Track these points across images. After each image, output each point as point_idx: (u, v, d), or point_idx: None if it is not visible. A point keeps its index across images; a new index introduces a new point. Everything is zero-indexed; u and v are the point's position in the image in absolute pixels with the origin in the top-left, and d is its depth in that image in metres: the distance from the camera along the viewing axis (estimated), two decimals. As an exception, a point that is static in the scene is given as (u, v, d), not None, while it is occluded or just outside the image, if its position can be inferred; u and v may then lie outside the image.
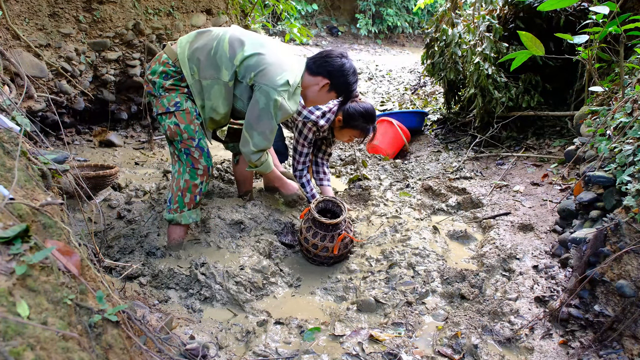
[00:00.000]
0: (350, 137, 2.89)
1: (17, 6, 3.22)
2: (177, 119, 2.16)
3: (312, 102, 2.38)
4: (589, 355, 1.61)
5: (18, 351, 0.72)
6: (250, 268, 2.22)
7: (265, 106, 2.10)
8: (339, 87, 2.29)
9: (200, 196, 2.31)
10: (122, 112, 4.38)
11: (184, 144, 2.20)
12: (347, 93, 2.34)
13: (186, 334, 1.77)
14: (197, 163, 2.24)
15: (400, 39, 13.49)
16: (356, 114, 2.76)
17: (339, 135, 2.91)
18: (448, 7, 4.56)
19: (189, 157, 2.23)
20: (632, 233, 1.67)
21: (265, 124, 2.15)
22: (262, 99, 2.10)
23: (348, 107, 2.77)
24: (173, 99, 2.16)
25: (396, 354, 1.66)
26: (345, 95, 2.36)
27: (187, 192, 2.27)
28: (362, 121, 2.78)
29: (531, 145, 4.04)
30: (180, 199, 2.27)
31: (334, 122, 2.86)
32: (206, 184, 2.32)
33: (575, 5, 3.76)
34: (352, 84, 2.30)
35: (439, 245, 2.55)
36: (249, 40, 2.16)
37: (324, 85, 2.27)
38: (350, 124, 2.79)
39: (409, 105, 6.18)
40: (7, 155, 1.18)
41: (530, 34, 2.33)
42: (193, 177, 2.26)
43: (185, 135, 2.18)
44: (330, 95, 2.33)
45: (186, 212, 2.29)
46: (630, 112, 2.29)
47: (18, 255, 0.87)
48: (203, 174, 2.27)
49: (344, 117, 2.79)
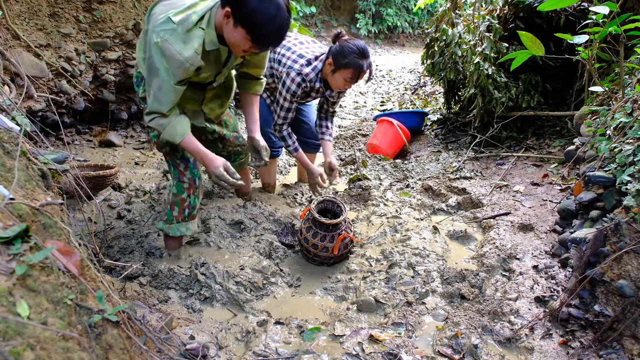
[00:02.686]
0: (345, 80, 2.55)
1: (17, 6, 3.22)
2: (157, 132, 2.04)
3: (230, 44, 1.79)
4: (589, 355, 1.61)
5: (18, 351, 0.72)
6: (250, 268, 2.22)
7: (149, 54, 1.69)
8: (243, 17, 1.64)
9: (190, 209, 2.22)
10: (122, 112, 4.38)
11: (169, 155, 2.13)
12: (259, 29, 1.65)
13: (186, 334, 1.77)
14: (182, 176, 2.15)
15: (400, 39, 13.49)
16: (346, 49, 2.48)
17: (333, 82, 2.60)
18: (448, 7, 4.56)
19: (175, 169, 2.15)
20: (632, 233, 1.67)
21: (154, 80, 1.73)
22: (147, 48, 1.71)
23: (336, 46, 2.53)
24: None
25: (396, 354, 1.66)
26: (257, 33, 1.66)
27: (175, 205, 2.20)
28: (354, 56, 2.47)
29: (531, 145, 4.04)
30: (169, 212, 2.22)
31: (326, 68, 2.58)
32: (195, 197, 2.21)
33: (575, 5, 3.76)
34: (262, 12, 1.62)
35: (439, 245, 2.55)
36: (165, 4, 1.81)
37: (226, 14, 1.67)
38: (341, 62, 2.49)
39: (409, 105, 6.18)
40: (7, 155, 1.18)
41: (530, 34, 2.33)
42: (180, 191, 2.18)
43: (168, 148, 2.08)
44: (239, 32, 1.68)
45: (175, 224, 2.22)
46: (630, 112, 2.29)
47: (18, 255, 0.87)
48: (189, 187, 2.18)
49: (334, 58, 2.52)
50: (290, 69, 2.59)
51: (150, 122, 1.87)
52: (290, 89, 2.60)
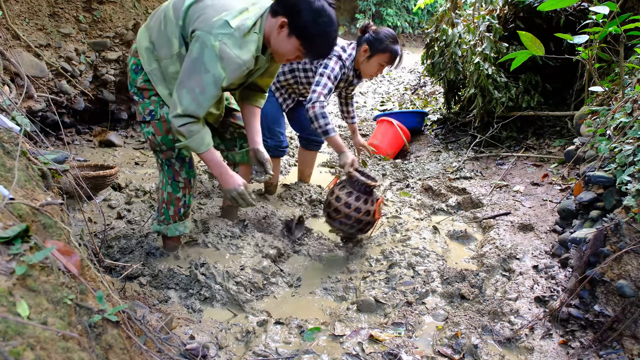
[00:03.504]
0: (380, 65, 2.74)
1: (17, 6, 3.23)
2: (154, 129, 1.98)
3: (276, 52, 1.86)
4: (589, 355, 1.61)
5: (18, 351, 0.72)
6: (250, 268, 2.22)
7: (199, 56, 1.69)
8: (301, 28, 1.73)
9: (185, 208, 2.20)
10: (122, 112, 4.38)
11: (164, 154, 2.07)
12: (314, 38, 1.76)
13: (186, 334, 1.77)
14: (177, 175, 2.12)
15: (400, 39, 13.48)
16: (382, 35, 2.66)
17: (368, 68, 2.75)
18: (448, 7, 4.56)
19: (170, 168, 2.10)
20: (632, 233, 1.67)
21: (196, 79, 1.72)
22: (195, 47, 1.70)
23: (370, 34, 2.68)
24: (147, 107, 1.96)
25: (396, 354, 1.66)
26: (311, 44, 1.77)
27: (171, 205, 2.16)
28: (389, 42, 2.67)
29: (531, 145, 4.04)
30: (165, 211, 2.18)
31: (359, 56, 2.74)
32: (190, 196, 2.19)
33: (575, 5, 3.76)
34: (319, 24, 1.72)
35: (439, 245, 2.55)
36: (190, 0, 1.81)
37: (281, 24, 1.75)
38: (379, 48, 2.66)
39: (409, 105, 6.18)
40: (7, 155, 1.18)
41: (530, 34, 2.32)
42: (175, 190, 2.14)
43: (164, 147, 2.02)
44: (292, 42, 1.77)
45: (172, 225, 2.20)
46: (630, 112, 2.29)
47: (18, 255, 0.87)
48: (185, 186, 2.15)
49: (369, 45, 2.68)
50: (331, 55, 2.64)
51: (182, 126, 1.79)
52: (335, 70, 2.67)
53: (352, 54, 2.73)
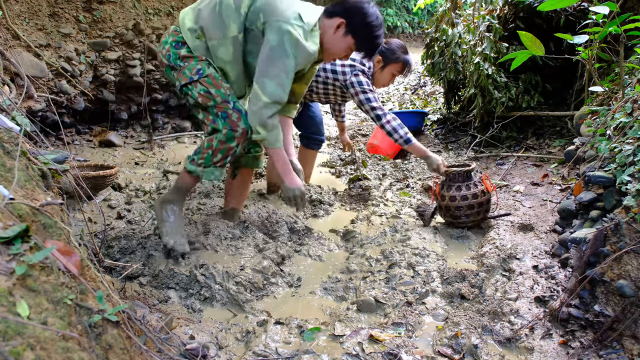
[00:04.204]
0: (392, 75, 2.89)
1: (17, 6, 3.23)
2: (205, 85, 2.00)
3: (328, 50, 2.08)
4: (589, 355, 1.61)
5: (18, 351, 0.72)
6: (250, 268, 2.22)
7: (278, 43, 1.84)
8: (356, 27, 1.97)
9: (233, 157, 2.13)
10: (122, 112, 4.38)
11: (219, 107, 2.02)
12: (369, 39, 2.01)
13: (186, 334, 1.77)
14: (235, 125, 2.03)
15: (400, 39, 13.48)
16: (394, 46, 2.81)
17: (381, 78, 2.89)
18: (448, 7, 4.56)
19: (226, 120, 2.03)
20: (632, 233, 1.67)
21: (279, 65, 1.86)
22: (272, 36, 1.85)
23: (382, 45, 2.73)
24: (194, 67, 2.01)
25: (396, 354, 1.66)
26: (366, 43, 2.02)
27: (220, 152, 2.07)
28: (401, 52, 2.81)
29: (531, 145, 4.04)
30: (209, 157, 2.08)
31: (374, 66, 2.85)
32: (241, 147, 2.11)
33: (575, 5, 3.76)
34: (374, 27, 1.99)
35: (439, 245, 2.55)
36: None
37: (339, 25, 1.99)
38: (392, 58, 2.81)
39: (409, 105, 6.18)
40: (7, 155, 1.18)
41: (530, 34, 2.32)
42: (230, 140, 2.05)
43: (219, 99, 2.01)
44: (347, 41, 2.02)
45: (210, 168, 2.11)
46: (630, 112, 2.29)
47: (18, 255, 0.87)
48: (241, 135, 2.05)
49: (382, 55, 2.80)
50: (354, 70, 2.79)
51: (270, 117, 1.94)
52: (369, 84, 2.80)
53: (370, 66, 2.84)
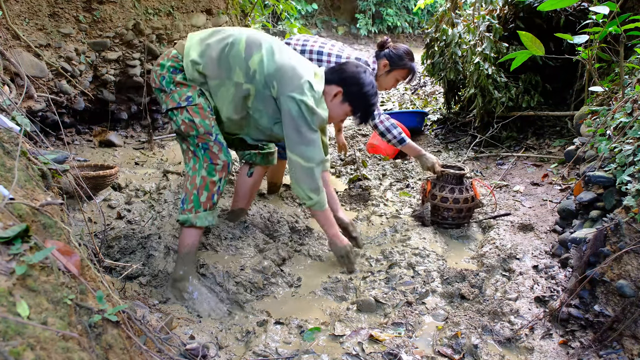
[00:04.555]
0: (396, 80, 2.90)
1: (17, 6, 3.22)
2: (191, 113, 2.01)
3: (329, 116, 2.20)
4: (589, 355, 1.61)
5: (18, 351, 0.72)
6: (250, 268, 2.22)
7: (298, 113, 1.97)
8: (353, 96, 2.11)
9: (218, 196, 2.12)
10: (122, 112, 4.38)
11: (200, 138, 2.03)
12: (364, 106, 2.14)
13: (186, 334, 1.77)
14: (215, 158, 2.05)
15: (400, 39, 13.48)
16: (402, 52, 2.82)
17: (385, 81, 2.90)
18: (448, 7, 4.56)
19: (207, 152, 2.05)
20: (632, 233, 1.67)
21: (306, 130, 2.00)
22: (291, 105, 1.96)
23: (390, 50, 2.82)
24: (184, 94, 2.01)
25: (396, 354, 1.66)
26: (362, 110, 2.15)
27: (204, 190, 2.07)
28: (408, 58, 2.83)
29: (531, 145, 4.04)
30: (196, 198, 2.07)
31: (379, 70, 2.85)
32: (224, 182, 2.12)
33: (575, 5, 3.76)
34: (370, 95, 2.11)
35: (439, 245, 2.55)
36: (266, 44, 2.03)
37: (336, 93, 2.10)
38: (399, 64, 2.82)
39: (409, 105, 6.18)
40: (7, 155, 1.18)
41: (530, 34, 2.32)
42: (211, 174, 2.06)
43: (202, 130, 2.02)
44: (344, 108, 2.14)
45: (202, 212, 2.08)
46: (630, 112, 2.29)
47: (18, 255, 0.87)
48: (222, 169, 2.08)
49: (389, 60, 2.81)
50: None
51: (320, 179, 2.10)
52: None
53: (375, 68, 2.84)
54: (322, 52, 2.81)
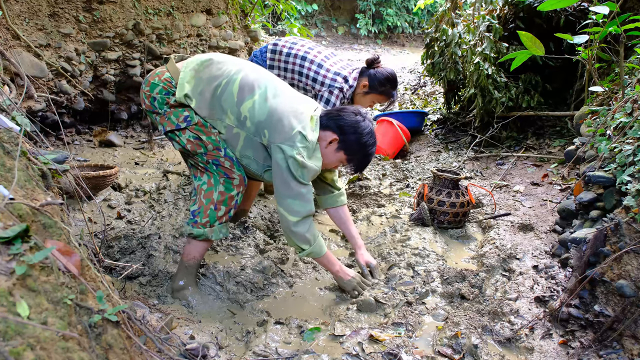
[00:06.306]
0: (373, 103, 2.83)
1: (17, 6, 3.23)
2: (194, 132, 1.92)
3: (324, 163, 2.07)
4: (589, 355, 1.61)
5: (18, 351, 0.72)
6: (251, 268, 2.22)
7: (286, 167, 1.86)
8: (349, 145, 1.99)
9: (234, 209, 2.06)
10: (122, 112, 4.38)
11: (209, 155, 1.95)
12: (361, 156, 2.03)
13: (186, 334, 1.77)
14: (231, 173, 1.98)
15: (400, 39, 13.49)
16: (383, 79, 2.72)
17: (362, 101, 2.81)
18: (448, 7, 4.56)
19: (219, 167, 1.97)
20: (632, 233, 1.67)
21: (294, 185, 1.89)
22: (280, 156, 1.86)
23: (375, 72, 2.73)
24: (181, 114, 1.91)
25: (396, 354, 1.66)
26: (358, 160, 2.04)
27: (222, 205, 2.00)
28: (390, 86, 2.74)
29: (531, 145, 4.04)
30: (213, 212, 1.99)
31: (357, 87, 2.77)
32: (241, 195, 2.04)
33: (575, 5, 3.76)
34: (368, 146, 2.00)
35: (439, 245, 2.55)
36: (260, 89, 1.92)
37: (331, 140, 1.98)
38: (378, 89, 2.73)
39: (409, 105, 6.18)
40: (7, 155, 1.18)
41: (530, 34, 2.32)
42: (229, 189, 1.99)
43: (210, 146, 1.93)
44: (339, 156, 2.02)
45: (217, 226, 2.02)
46: (630, 112, 2.29)
47: (18, 255, 0.87)
48: (239, 183, 2.00)
49: (370, 82, 2.72)
50: (332, 87, 2.69)
51: (308, 231, 1.97)
52: (335, 105, 2.71)
53: (353, 85, 2.73)
54: (305, 58, 2.72)
